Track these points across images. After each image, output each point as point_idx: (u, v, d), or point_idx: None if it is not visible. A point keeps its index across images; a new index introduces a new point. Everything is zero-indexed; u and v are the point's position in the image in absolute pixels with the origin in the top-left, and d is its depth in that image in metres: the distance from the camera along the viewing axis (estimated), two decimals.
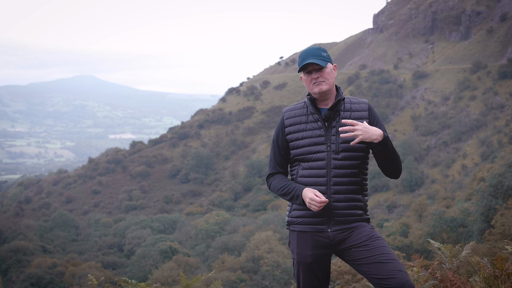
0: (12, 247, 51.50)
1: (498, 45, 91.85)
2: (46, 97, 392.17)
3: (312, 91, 3.57)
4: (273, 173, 3.72)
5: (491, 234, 22.52)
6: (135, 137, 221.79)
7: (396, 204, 60.38)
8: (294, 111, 3.66)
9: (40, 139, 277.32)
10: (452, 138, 74.31)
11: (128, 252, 52.85)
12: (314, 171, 3.53)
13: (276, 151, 3.70)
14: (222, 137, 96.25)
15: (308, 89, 3.61)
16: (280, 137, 3.67)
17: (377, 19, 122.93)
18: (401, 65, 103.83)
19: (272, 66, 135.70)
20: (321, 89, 3.54)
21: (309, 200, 3.43)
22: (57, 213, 70.90)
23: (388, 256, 3.43)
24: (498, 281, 4.45)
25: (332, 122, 3.56)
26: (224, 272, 32.93)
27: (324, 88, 3.54)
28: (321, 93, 3.56)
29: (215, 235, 47.56)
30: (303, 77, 3.61)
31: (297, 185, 3.56)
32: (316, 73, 3.55)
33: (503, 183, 27.59)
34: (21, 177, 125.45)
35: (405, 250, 29.01)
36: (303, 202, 3.50)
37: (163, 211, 72.89)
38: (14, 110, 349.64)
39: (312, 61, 3.51)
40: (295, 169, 3.64)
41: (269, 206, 65.59)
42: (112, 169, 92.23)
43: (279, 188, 3.63)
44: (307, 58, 3.53)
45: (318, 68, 3.55)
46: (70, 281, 39.86)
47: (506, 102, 75.41)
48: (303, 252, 3.57)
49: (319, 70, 3.55)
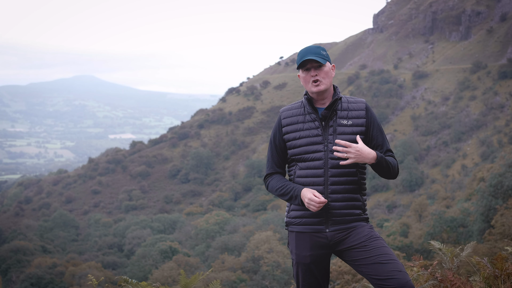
0: (12, 247, 51.51)
1: (498, 45, 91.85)
2: (46, 97, 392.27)
3: (310, 90, 3.56)
4: (271, 173, 3.70)
5: (491, 234, 22.53)
6: (135, 137, 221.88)
7: (396, 204, 60.39)
8: (291, 111, 3.64)
9: (40, 139, 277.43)
10: (452, 138, 74.32)
11: (128, 252, 52.86)
12: (311, 171, 3.52)
13: (273, 151, 3.68)
14: (222, 137, 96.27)
15: (306, 88, 3.59)
16: (278, 137, 3.65)
17: (377, 19, 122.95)
18: (401, 65, 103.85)
19: (272, 66, 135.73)
20: (319, 89, 3.53)
21: (308, 200, 3.42)
22: (57, 213, 70.92)
23: (388, 257, 3.42)
24: (498, 281, 4.44)
25: (329, 122, 3.54)
26: (224, 272, 32.93)
27: (322, 88, 3.53)
28: (319, 93, 3.55)
29: (215, 235, 47.57)
30: (301, 75, 3.59)
31: (296, 185, 3.54)
32: (315, 71, 3.53)
33: (503, 183, 27.60)
34: (21, 177, 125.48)
35: (405, 250, 29.01)
36: (302, 203, 3.49)
37: (163, 211, 72.89)
38: (14, 110, 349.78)
39: (311, 58, 3.49)
40: (293, 169, 3.63)
41: (269, 206, 65.62)
42: (112, 169, 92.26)
43: (277, 189, 3.61)
44: (306, 55, 3.52)
45: (316, 66, 3.53)
46: (70, 281, 39.87)
47: (506, 102, 75.42)
48: (302, 252, 3.55)
49: (318, 68, 3.53)
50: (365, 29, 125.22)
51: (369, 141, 3.59)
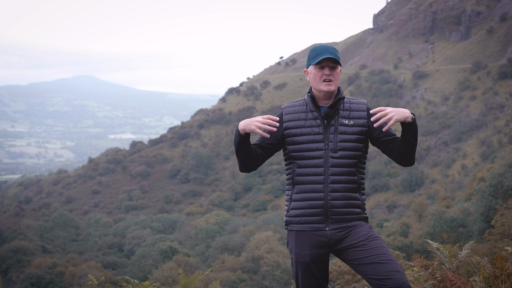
0: (12, 247, 51.49)
1: (498, 45, 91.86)
2: (46, 97, 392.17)
3: (319, 88, 3.55)
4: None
5: (491, 234, 22.53)
6: (135, 137, 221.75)
7: (396, 204, 60.37)
8: (294, 108, 3.64)
9: (40, 139, 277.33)
10: (452, 138, 74.32)
11: (128, 252, 52.85)
12: (311, 169, 3.52)
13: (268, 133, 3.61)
14: (222, 137, 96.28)
15: (314, 84, 3.57)
16: (276, 132, 3.59)
17: (377, 19, 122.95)
18: (401, 65, 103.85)
19: (272, 66, 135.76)
20: (330, 89, 3.54)
21: (256, 123, 3.42)
22: (57, 213, 70.90)
23: (386, 257, 3.42)
24: (498, 281, 4.44)
25: (331, 121, 3.55)
26: (224, 272, 32.94)
27: (333, 88, 3.54)
28: (327, 93, 3.55)
29: (215, 235, 47.56)
30: (312, 71, 3.57)
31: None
32: (329, 71, 3.54)
33: (503, 183, 27.60)
34: (21, 177, 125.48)
35: (405, 250, 28.99)
36: (241, 133, 3.46)
37: (163, 211, 72.87)
38: (14, 110, 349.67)
39: (331, 56, 3.50)
40: (291, 167, 3.62)
41: (269, 206, 65.63)
42: (112, 169, 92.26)
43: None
44: (324, 53, 3.52)
45: (332, 66, 3.54)
46: (70, 281, 39.86)
47: (506, 102, 75.42)
48: (302, 251, 3.55)
49: (332, 68, 3.55)
50: (365, 29, 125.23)
51: (379, 136, 3.57)
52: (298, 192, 3.57)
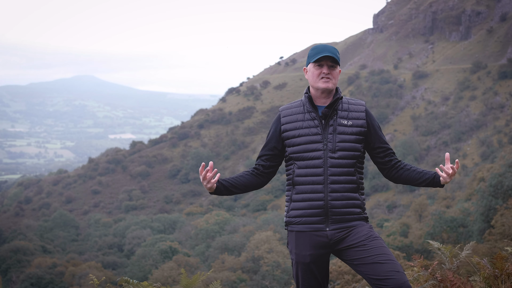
0: (12, 247, 51.48)
1: (498, 45, 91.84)
2: (46, 97, 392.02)
3: (317, 86, 3.55)
4: (256, 164, 3.78)
5: (491, 234, 22.53)
6: (135, 137, 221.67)
7: (396, 204, 60.37)
8: (291, 109, 3.64)
9: (40, 139, 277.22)
10: (452, 138, 74.31)
11: (128, 252, 52.84)
12: (311, 170, 3.52)
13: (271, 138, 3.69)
14: (222, 137, 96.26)
15: (312, 83, 3.57)
16: (275, 136, 3.65)
17: (377, 19, 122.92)
18: (401, 65, 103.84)
19: (272, 66, 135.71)
20: (328, 87, 3.53)
21: (204, 183, 3.76)
22: (57, 213, 70.88)
23: (386, 257, 3.42)
24: (498, 281, 4.44)
25: (329, 121, 3.55)
26: (224, 272, 32.93)
27: (331, 85, 3.53)
28: (325, 90, 3.55)
29: (215, 235, 47.54)
30: (311, 69, 3.58)
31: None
32: (328, 69, 3.54)
33: (503, 183, 27.59)
34: (21, 177, 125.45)
35: (405, 250, 28.98)
36: (212, 193, 3.83)
37: (163, 211, 72.87)
38: (14, 110, 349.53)
39: (330, 55, 3.51)
40: (291, 168, 3.63)
41: (269, 206, 65.61)
42: (112, 169, 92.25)
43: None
44: (324, 51, 3.52)
45: (330, 65, 3.55)
46: (70, 281, 39.85)
47: (506, 102, 75.41)
48: (302, 252, 3.55)
49: (331, 67, 3.55)
50: (365, 29, 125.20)
51: (371, 142, 3.61)
52: (298, 193, 3.57)
